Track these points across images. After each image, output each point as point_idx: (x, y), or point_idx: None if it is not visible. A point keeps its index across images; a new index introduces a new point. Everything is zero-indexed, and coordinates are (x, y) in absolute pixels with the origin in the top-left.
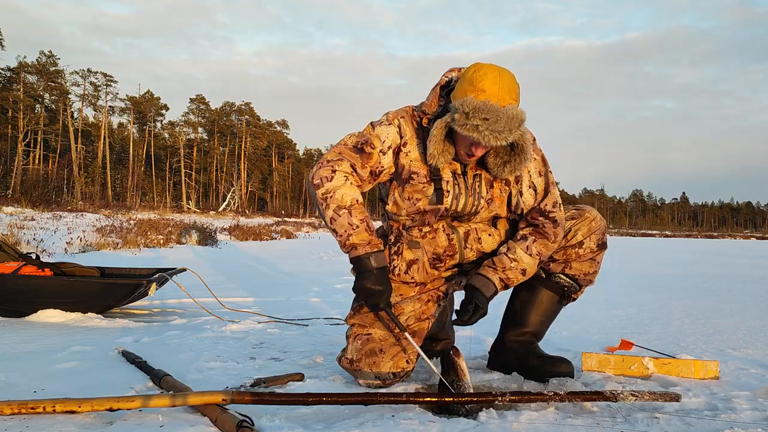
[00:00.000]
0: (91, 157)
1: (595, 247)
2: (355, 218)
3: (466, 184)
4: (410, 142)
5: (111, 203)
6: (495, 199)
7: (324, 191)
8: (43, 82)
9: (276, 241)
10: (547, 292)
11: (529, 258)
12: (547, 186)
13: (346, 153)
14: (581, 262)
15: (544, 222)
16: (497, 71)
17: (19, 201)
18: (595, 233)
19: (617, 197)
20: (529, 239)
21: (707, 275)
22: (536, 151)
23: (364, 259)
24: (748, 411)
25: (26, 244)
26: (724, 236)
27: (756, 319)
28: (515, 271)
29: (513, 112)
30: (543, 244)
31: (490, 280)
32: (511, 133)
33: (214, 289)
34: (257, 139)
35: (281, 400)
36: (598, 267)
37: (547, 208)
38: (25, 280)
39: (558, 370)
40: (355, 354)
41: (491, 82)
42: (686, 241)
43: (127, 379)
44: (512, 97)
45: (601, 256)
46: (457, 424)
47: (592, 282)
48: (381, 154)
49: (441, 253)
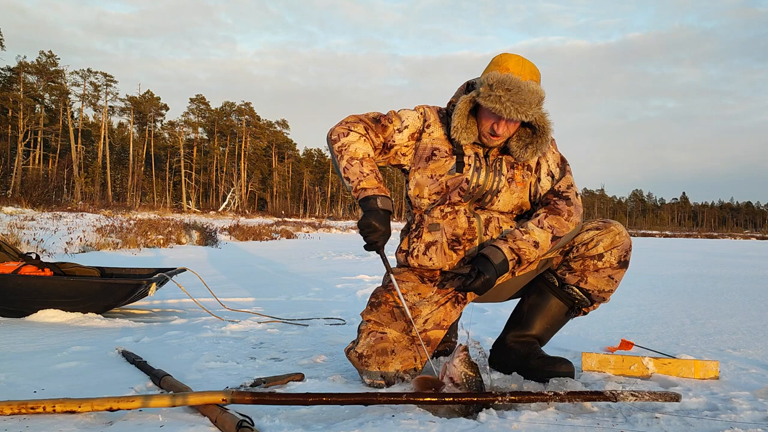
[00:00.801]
0: (91, 157)
1: (616, 263)
2: (365, 168)
3: (487, 162)
4: (433, 124)
5: (111, 203)
6: (516, 182)
7: (340, 145)
8: (43, 82)
9: (276, 241)
10: (557, 300)
11: (540, 230)
12: (563, 172)
13: (364, 119)
14: (598, 278)
15: (555, 200)
16: (521, 57)
17: (19, 201)
18: (618, 248)
19: (617, 197)
20: (541, 215)
21: (707, 275)
22: (554, 147)
23: (372, 198)
24: (748, 411)
25: (26, 244)
26: (724, 236)
27: (756, 319)
28: (526, 242)
29: (534, 87)
30: (555, 219)
31: (499, 248)
32: (531, 107)
33: (214, 289)
34: (257, 139)
35: (281, 400)
36: (615, 286)
37: (561, 188)
38: (25, 280)
39: (558, 370)
40: (366, 350)
41: (515, 62)
42: (686, 241)
43: (127, 379)
44: (534, 78)
45: (620, 274)
46: (457, 424)
47: (606, 300)
48: (397, 131)
49: (460, 235)
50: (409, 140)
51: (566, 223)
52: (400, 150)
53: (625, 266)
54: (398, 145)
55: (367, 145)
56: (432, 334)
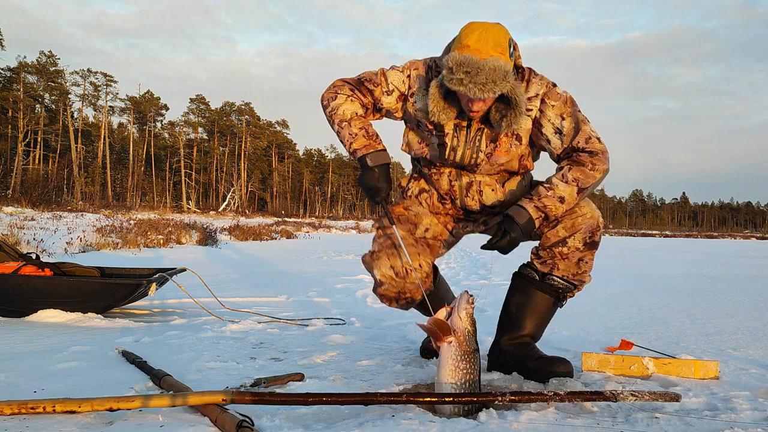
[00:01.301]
0: (91, 157)
1: (582, 246)
2: (354, 128)
3: (467, 137)
4: (417, 93)
5: (111, 203)
6: (499, 153)
7: (330, 110)
8: (43, 82)
9: (276, 241)
10: (541, 294)
11: (565, 185)
12: (577, 125)
13: (350, 81)
14: (568, 264)
15: (578, 155)
16: (484, 27)
17: (19, 201)
18: (580, 231)
19: (617, 197)
20: (564, 168)
21: (707, 275)
22: (554, 97)
23: (362, 159)
24: (748, 411)
25: (26, 244)
26: (724, 236)
27: (756, 319)
28: (552, 198)
29: (494, 64)
30: (580, 171)
31: (524, 207)
32: (496, 84)
33: (214, 289)
34: (257, 139)
35: (281, 400)
36: (587, 267)
37: (579, 144)
38: (25, 280)
39: (557, 370)
40: (377, 247)
41: (475, 38)
42: (686, 241)
43: (127, 379)
44: (497, 51)
45: (590, 256)
46: (457, 424)
47: (584, 282)
48: (385, 93)
49: (443, 194)
50: (398, 102)
51: (591, 173)
52: (390, 109)
53: (594, 247)
54: (387, 107)
55: (355, 104)
56: (431, 242)
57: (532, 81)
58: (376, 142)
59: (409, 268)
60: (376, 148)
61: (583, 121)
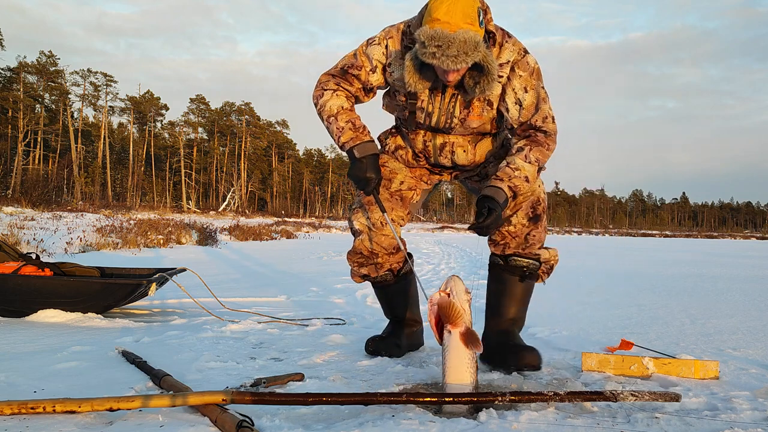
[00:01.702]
0: (91, 157)
1: (526, 221)
2: (341, 122)
3: (441, 103)
4: (394, 62)
5: (111, 203)
6: (472, 118)
7: (319, 107)
8: (43, 82)
9: (276, 241)
10: (510, 277)
11: (529, 165)
12: (538, 102)
13: (334, 72)
14: (518, 241)
15: (535, 134)
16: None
17: (19, 201)
18: (521, 208)
19: (617, 197)
20: (525, 149)
21: (707, 275)
22: (523, 67)
23: (350, 151)
24: (748, 411)
25: (26, 244)
26: (724, 236)
27: (756, 319)
28: (519, 178)
29: (464, 36)
30: (539, 151)
31: (499, 188)
32: (468, 55)
33: (214, 289)
34: (257, 139)
35: (281, 400)
36: (536, 240)
37: (537, 123)
38: (25, 280)
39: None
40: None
41: (444, 10)
42: (686, 241)
43: (127, 379)
44: (466, 22)
45: (536, 229)
46: (457, 424)
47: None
48: (370, 72)
49: (418, 152)
50: (382, 74)
51: (547, 152)
52: (381, 85)
53: (538, 220)
54: (377, 84)
55: (341, 99)
56: (405, 192)
57: (504, 46)
58: (362, 134)
59: (384, 221)
60: (362, 139)
61: (544, 100)
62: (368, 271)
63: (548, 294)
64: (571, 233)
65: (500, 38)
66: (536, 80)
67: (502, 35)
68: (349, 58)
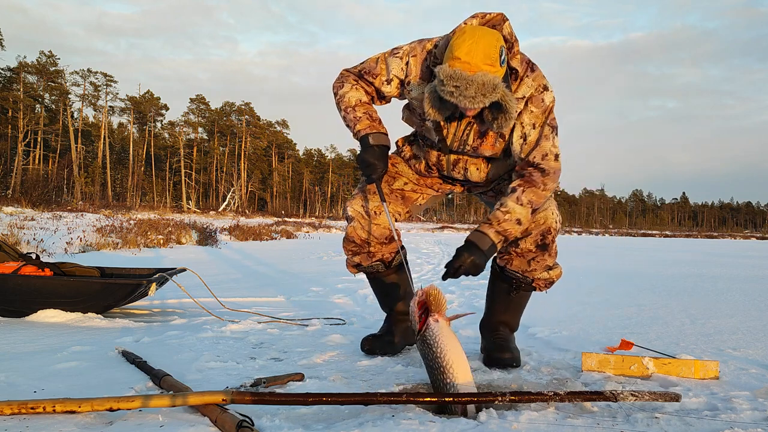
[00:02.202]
0: (91, 157)
1: (533, 248)
2: (358, 112)
3: (456, 129)
4: (413, 81)
5: (111, 203)
6: (484, 147)
7: (338, 98)
8: (43, 82)
9: (276, 241)
10: (502, 284)
11: (521, 207)
12: (539, 138)
13: (353, 71)
14: (521, 261)
15: (531, 171)
16: (474, 38)
17: (19, 201)
18: (531, 235)
19: (617, 197)
20: (518, 190)
21: (707, 275)
22: (536, 103)
23: (364, 137)
24: (748, 411)
25: (26, 244)
26: (724, 236)
27: (756, 319)
28: (510, 222)
29: (483, 79)
30: (533, 192)
31: (485, 233)
32: (486, 97)
33: (214, 289)
34: (257, 139)
35: (281, 400)
36: (539, 266)
37: (535, 159)
38: (25, 280)
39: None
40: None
41: (466, 50)
42: (686, 241)
43: (127, 379)
44: (486, 63)
45: (542, 257)
46: (457, 424)
47: (535, 278)
48: (385, 82)
49: (431, 164)
50: (398, 88)
51: (543, 193)
52: (392, 96)
53: (545, 249)
54: (390, 94)
55: (360, 92)
56: (408, 193)
57: (524, 81)
58: (379, 125)
59: (379, 211)
60: (378, 129)
61: (546, 137)
62: (360, 259)
63: (548, 294)
64: (571, 233)
65: (522, 72)
66: (545, 117)
67: (525, 69)
68: (370, 62)
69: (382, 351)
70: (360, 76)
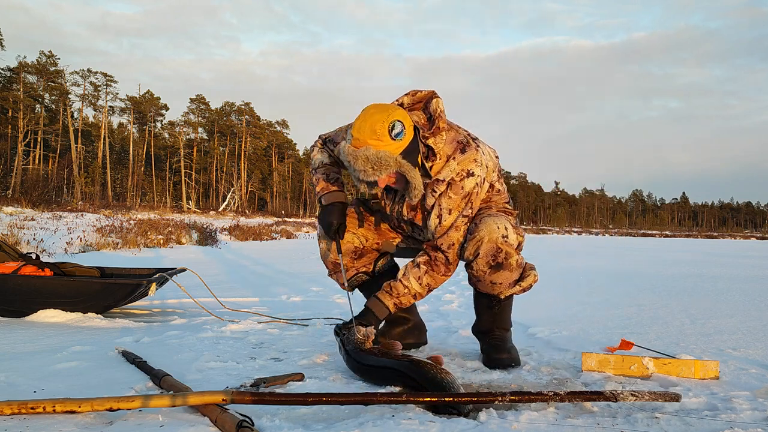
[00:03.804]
0: (91, 157)
1: (486, 269)
2: (318, 173)
3: (393, 200)
4: None
5: (111, 203)
6: (418, 221)
7: (310, 161)
8: (43, 82)
9: (276, 241)
10: (481, 298)
11: (419, 286)
12: (450, 227)
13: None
14: (484, 285)
15: (437, 256)
16: (365, 116)
17: (19, 201)
18: (479, 257)
19: (617, 197)
20: (422, 269)
21: (707, 275)
22: (455, 190)
23: (319, 199)
24: (748, 411)
25: (26, 244)
26: (724, 236)
27: (756, 319)
28: (408, 296)
29: (367, 153)
30: (432, 277)
31: (385, 304)
32: (375, 170)
33: (214, 289)
34: (257, 139)
35: (281, 400)
36: (502, 287)
37: (442, 246)
38: (25, 280)
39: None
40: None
41: (357, 126)
42: (686, 241)
43: (127, 379)
44: (372, 138)
45: (501, 277)
46: (457, 424)
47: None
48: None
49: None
50: None
51: (442, 278)
52: None
53: (499, 268)
54: None
55: (323, 155)
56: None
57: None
58: (332, 185)
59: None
60: (330, 189)
61: (457, 228)
62: (338, 277)
63: (548, 294)
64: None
65: (451, 152)
66: (462, 205)
67: (454, 149)
68: (337, 130)
69: None
70: (324, 143)
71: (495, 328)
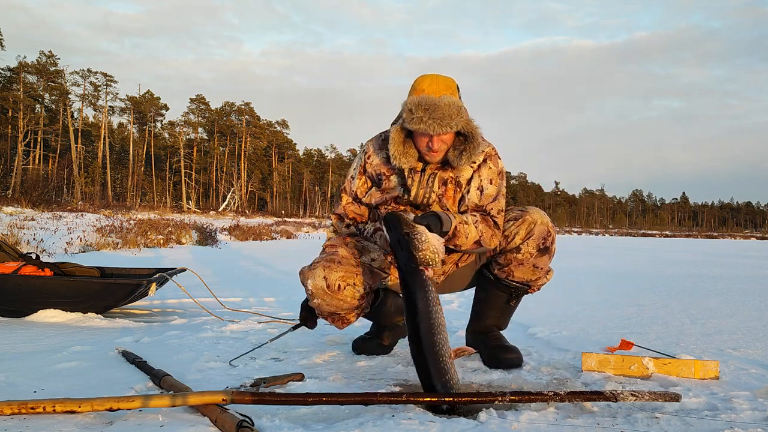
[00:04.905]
0: (91, 157)
1: (535, 251)
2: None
3: (421, 179)
4: (372, 154)
5: (111, 203)
6: (446, 198)
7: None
8: (43, 82)
9: (276, 241)
10: (497, 292)
11: (475, 231)
12: (497, 195)
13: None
14: (524, 270)
15: (487, 218)
16: (433, 75)
17: (19, 201)
18: (533, 237)
19: (617, 197)
20: (478, 217)
21: (707, 275)
22: (494, 163)
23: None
24: (748, 411)
25: (26, 244)
26: (724, 236)
27: (756, 319)
28: (465, 230)
29: (449, 100)
30: (486, 228)
31: (451, 220)
32: (452, 118)
33: (214, 289)
34: (257, 139)
35: (281, 400)
36: (542, 273)
37: (492, 211)
38: (25, 280)
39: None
40: (318, 259)
41: (428, 82)
42: (686, 241)
43: (127, 379)
44: (448, 92)
45: (544, 261)
46: (457, 424)
47: (540, 282)
48: (351, 179)
49: None
50: (361, 176)
51: (491, 239)
52: (363, 190)
53: (546, 252)
54: (361, 188)
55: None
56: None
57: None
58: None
59: (343, 284)
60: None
61: (503, 195)
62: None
63: (548, 294)
64: (571, 233)
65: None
66: (500, 180)
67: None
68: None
69: (370, 354)
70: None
71: (495, 328)
